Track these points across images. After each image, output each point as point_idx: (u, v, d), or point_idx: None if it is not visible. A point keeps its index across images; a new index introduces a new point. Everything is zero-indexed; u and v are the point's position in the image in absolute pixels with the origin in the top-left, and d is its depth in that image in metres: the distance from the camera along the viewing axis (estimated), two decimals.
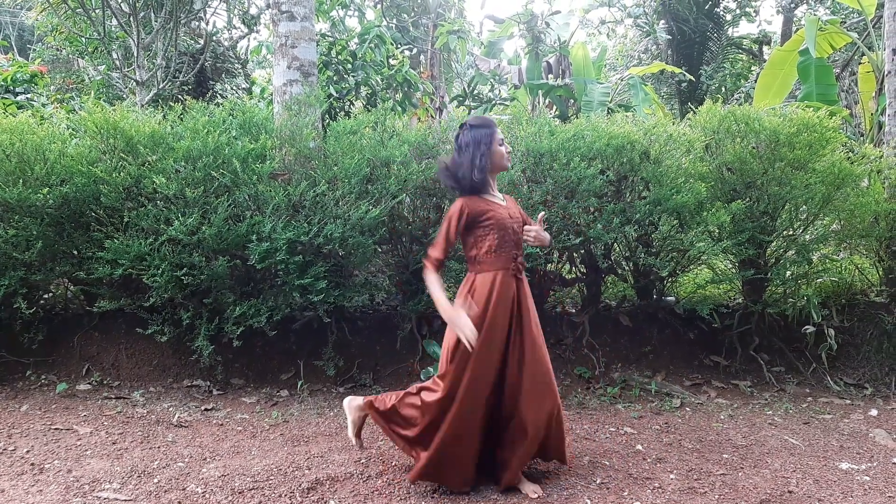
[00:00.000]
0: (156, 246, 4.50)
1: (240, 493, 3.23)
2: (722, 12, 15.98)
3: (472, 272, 3.28)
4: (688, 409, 4.72)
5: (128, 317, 4.96)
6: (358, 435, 3.53)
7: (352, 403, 3.50)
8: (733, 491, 3.33)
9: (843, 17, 12.86)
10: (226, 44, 11.11)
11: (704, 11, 15.18)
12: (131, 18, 7.90)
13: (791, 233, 5.26)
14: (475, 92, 11.11)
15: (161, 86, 8.34)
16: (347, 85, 7.24)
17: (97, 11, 8.21)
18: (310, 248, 4.59)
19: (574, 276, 5.51)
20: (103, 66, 9.48)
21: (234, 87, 10.67)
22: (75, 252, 4.84)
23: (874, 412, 4.71)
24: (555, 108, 10.62)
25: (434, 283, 3.17)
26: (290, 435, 4.05)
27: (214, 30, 10.91)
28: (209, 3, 10.35)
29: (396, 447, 3.47)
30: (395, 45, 8.70)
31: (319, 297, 4.55)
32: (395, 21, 14.51)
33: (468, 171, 3.20)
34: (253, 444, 3.91)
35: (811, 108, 5.17)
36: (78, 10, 8.42)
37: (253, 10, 10.94)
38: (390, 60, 8.04)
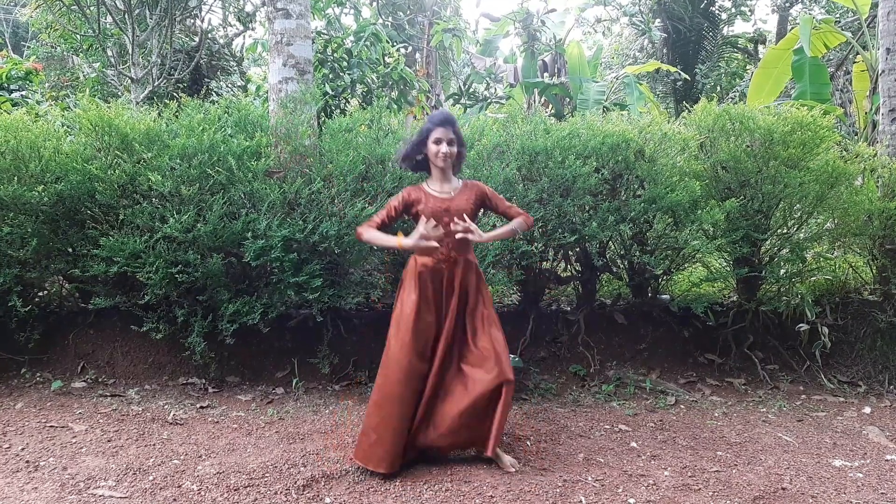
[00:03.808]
0: (151, 243, 4.49)
1: (235, 490, 3.23)
2: (717, 11, 16.00)
3: (411, 257, 3.59)
4: (682, 406, 4.74)
5: (123, 314, 4.95)
6: None
7: None
8: (727, 488, 3.35)
9: (837, 16, 12.89)
10: (221, 41, 11.08)
11: (700, 10, 15.19)
12: (126, 15, 7.87)
13: (785, 231, 5.29)
14: (471, 90, 11.12)
15: (156, 83, 8.31)
16: (343, 83, 7.22)
17: (92, 9, 8.17)
18: (305, 245, 4.60)
19: (569, 274, 5.52)
20: (98, 64, 9.44)
21: (230, 85, 10.65)
22: (70, 249, 4.83)
23: (867, 410, 4.73)
24: (550, 106, 10.63)
25: (374, 234, 3.47)
26: (285, 432, 4.06)
27: (210, 27, 10.88)
28: (204, 0, 10.32)
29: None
30: (391, 43, 8.69)
31: (314, 295, 4.55)
32: (390, 19, 14.48)
33: (401, 157, 3.62)
34: (248, 441, 3.91)
35: (805, 107, 5.19)
36: (73, 8, 8.38)
37: (248, 8, 10.93)
38: (386, 58, 8.03)
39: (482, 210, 3.73)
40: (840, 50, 11.56)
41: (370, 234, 3.48)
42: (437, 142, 3.44)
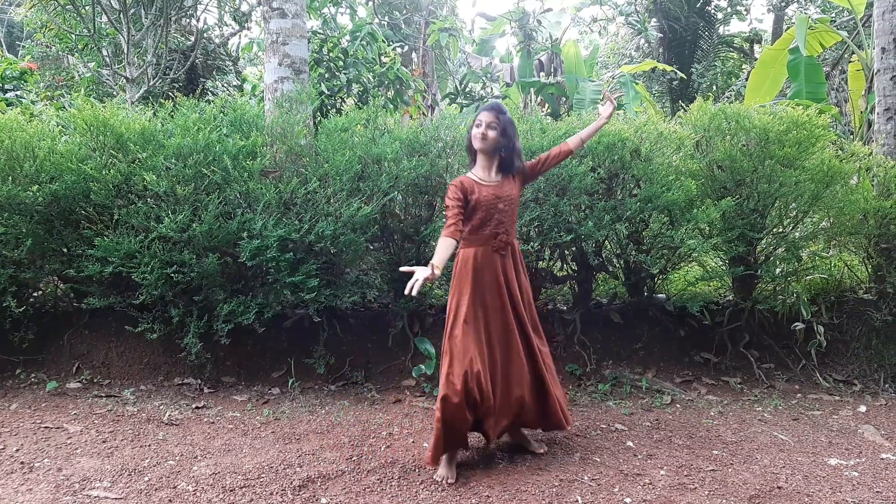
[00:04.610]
0: (146, 243, 4.48)
1: (231, 490, 3.22)
2: (713, 10, 16.02)
3: (460, 247, 3.52)
4: (678, 405, 4.74)
5: (118, 314, 4.94)
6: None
7: None
8: (723, 487, 3.35)
9: (833, 15, 12.93)
10: (217, 41, 11.05)
11: (696, 10, 15.22)
12: (121, 15, 7.85)
13: (781, 230, 5.29)
14: (467, 89, 11.11)
15: (151, 83, 8.29)
16: (339, 82, 7.22)
17: (87, 8, 8.15)
18: (301, 245, 4.59)
19: (565, 273, 5.52)
20: (93, 63, 9.41)
21: (226, 85, 10.62)
22: (65, 250, 4.82)
23: (863, 408, 4.74)
24: (546, 105, 10.62)
25: (441, 245, 3.31)
26: (281, 433, 4.05)
27: (205, 27, 10.86)
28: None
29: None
30: (387, 43, 8.69)
31: (311, 295, 4.55)
32: (386, 18, 14.48)
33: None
34: (244, 441, 3.90)
35: (801, 106, 5.19)
36: (68, 7, 8.36)
37: (244, 7, 10.89)
38: (382, 58, 8.03)
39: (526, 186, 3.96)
40: (836, 49, 11.59)
41: (440, 244, 3.31)
42: (478, 124, 3.46)
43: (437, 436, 3.32)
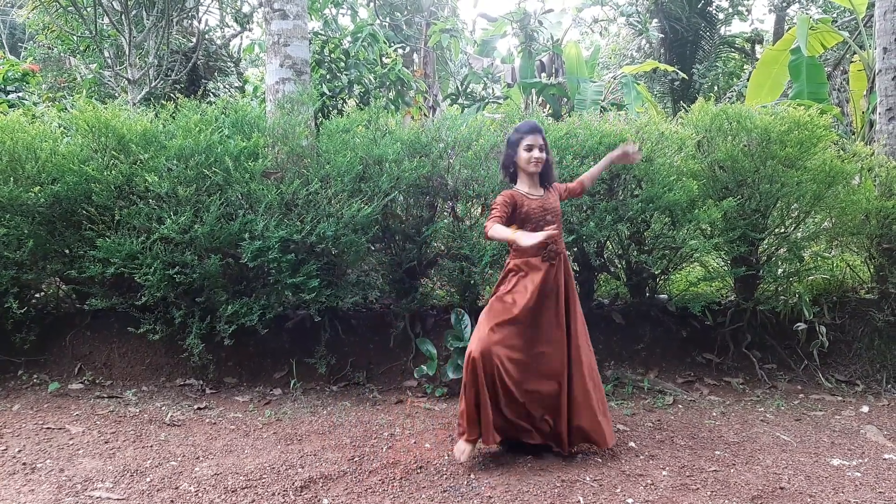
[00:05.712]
0: (148, 244, 4.49)
1: (233, 491, 3.22)
2: (714, 11, 16.03)
3: (510, 256, 3.67)
4: (680, 406, 4.74)
5: (120, 316, 4.94)
6: None
7: None
8: (725, 487, 3.35)
9: (834, 16, 12.93)
10: (218, 42, 11.07)
11: (697, 10, 15.22)
12: (123, 17, 7.87)
13: (783, 230, 5.29)
14: (468, 90, 11.11)
15: (153, 84, 8.31)
16: (340, 83, 7.22)
17: (89, 10, 8.17)
18: (302, 246, 4.59)
19: None
20: (95, 65, 9.44)
21: (227, 86, 10.64)
22: (67, 251, 4.82)
23: (865, 409, 4.73)
24: (548, 106, 10.62)
25: (498, 229, 3.39)
26: (283, 433, 4.05)
27: (207, 28, 10.88)
28: (201, 1, 10.32)
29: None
30: (388, 44, 8.68)
31: (312, 296, 4.55)
32: (388, 19, 14.50)
33: (501, 167, 3.77)
34: (246, 442, 3.90)
35: (802, 107, 5.19)
36: (69, 9, 8.38)
37: (245, 9, 10.91)
38: (383, 59, 8.03)
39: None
40: (837, 49, 11.59)
41: (495, 229, 3.41)
42: (529, 148, 3.57)
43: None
